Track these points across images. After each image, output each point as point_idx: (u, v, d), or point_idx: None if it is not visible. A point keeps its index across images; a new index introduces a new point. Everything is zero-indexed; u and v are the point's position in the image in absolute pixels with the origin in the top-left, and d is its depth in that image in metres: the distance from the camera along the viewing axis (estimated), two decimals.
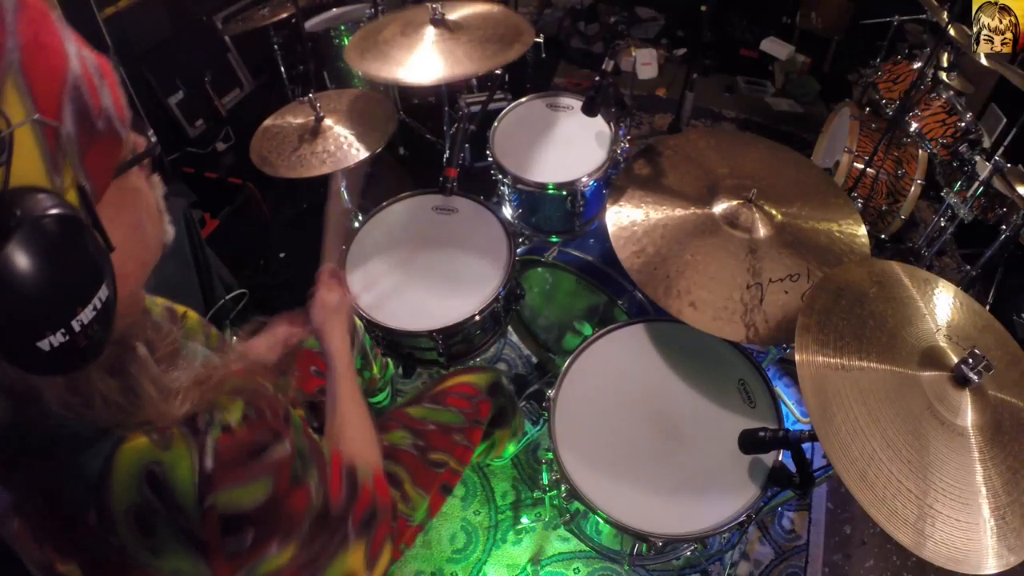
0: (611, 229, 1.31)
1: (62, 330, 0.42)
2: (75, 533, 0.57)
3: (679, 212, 1.33)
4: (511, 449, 1.51)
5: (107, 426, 0.54)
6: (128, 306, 0.55)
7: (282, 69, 2.80)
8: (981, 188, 1.94)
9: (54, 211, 0.41)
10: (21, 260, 0.39)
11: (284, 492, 0.62)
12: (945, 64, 2.11)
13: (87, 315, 0.43)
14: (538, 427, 1.82)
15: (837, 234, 1.31)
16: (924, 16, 2.24)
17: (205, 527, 0.55)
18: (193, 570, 0.58)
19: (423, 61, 1.54)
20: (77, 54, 0.48)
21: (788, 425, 1.46)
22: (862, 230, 1.32)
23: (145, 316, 0.63)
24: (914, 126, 2.10)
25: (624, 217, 1.33)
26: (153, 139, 0.55)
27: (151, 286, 0.68)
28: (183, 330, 0.81)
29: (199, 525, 0.55)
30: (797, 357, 0.92)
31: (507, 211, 1.76)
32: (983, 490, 0.86)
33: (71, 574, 0.62)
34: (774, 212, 1.32)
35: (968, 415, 0.91)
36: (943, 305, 1.06)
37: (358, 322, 1.46)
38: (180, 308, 0.67)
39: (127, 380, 0.54)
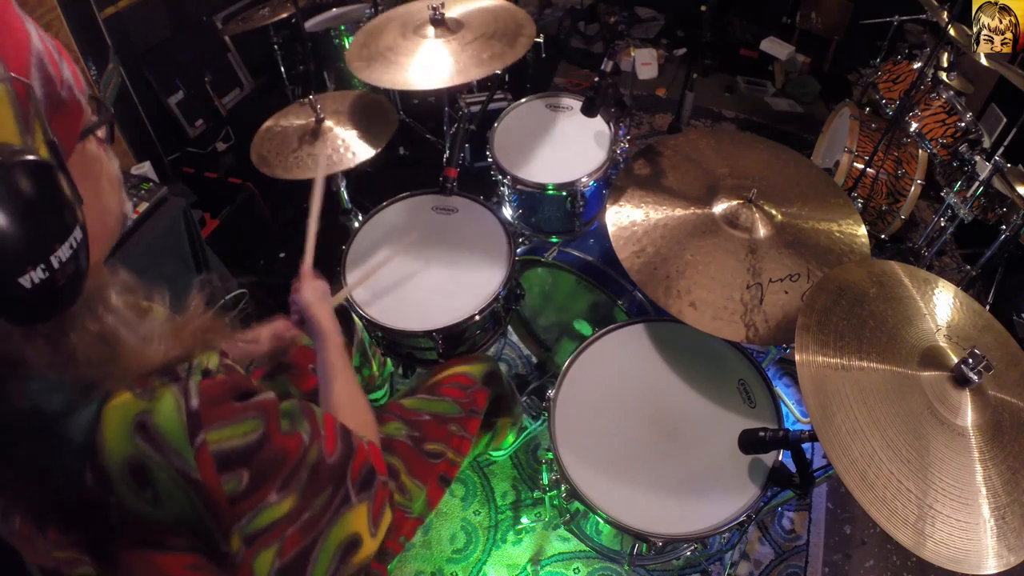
0: (611, 229, 1.31)
1: (42, 265, 0.44)
2: (74, 503, 0.57)
3: (679, 212, 1.33)
4: (510, 439, 1.51)
5: (91, 382, 0.55)
6: (96, 270, 0.57)
7: (282, 69, 2.80)
8: (981, 188, 1.94)
9: (29, 156, 0.44)
10: (4, 199, 0.42)
11: (275, 434, 0.63)
12: (945, 64, 2.11)
13: (64, 252, 0.45)
14: (538, 423, 1.82)
15: (837, 234, 1.31)
16: (924, 16, 2.24)
17: (200, 466, 0.56)
18: (194, 516, 0.58)
19: (426, 66, 1.54)
20: (37, 34, 0.51)
21: (788, 425, 1.46)
22: (862, 230, 1.32)
23: (113, 276, 0.64)
24: (914, 126, 2.10)
25: (624, 217, 1.33)
26: (110, 110, 0.59)
27: (152, 284, 0.69)
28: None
29: (194, 465, 0.56)
30: (797, 357, 0.92)
31: (507, 211, 1.76)
32: (983, 490, 0.86)
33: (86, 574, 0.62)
34: (774, 212, 1.32)
35: (968, 415, 0.91)
36: (943, 305, 1.06)
37: (357, 321, 1.46)
38: (145, 303, 0.68)
39: (104, 330, 0.56)
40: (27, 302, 0.45)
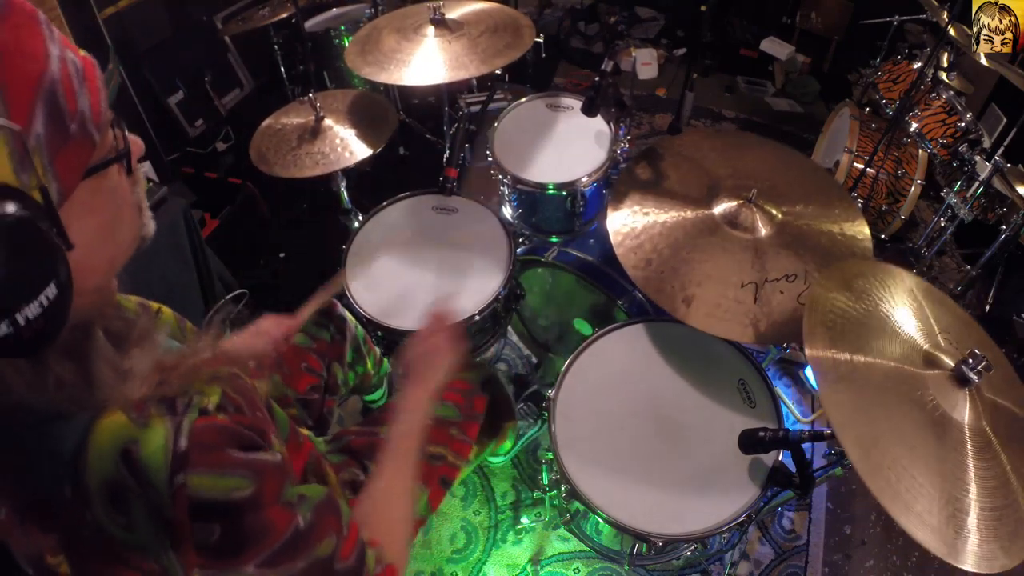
0: (611, 230, 1.31)
1: (7, 321, 0.44)
2: (52, 508, 0.57)
3: (680, 213, 1.33)
4: (508, 444, 1.51)
5: (66, 409, 0.55)
6: (94, 296, 0.57)
7: (282, 69, 2.80)
8: (981, 188, 1.94)
9: (5, 215, 0.43)
10: None
11: (268, 502, 0.61)
12: (945, 64, 2.11)
13: (32, 310, 0.45)
14: (537, 427, 1.82)
15: (839, 236, 1.31)
16: (924, 16, 2.24)
17: (175, 505, 0.55)
18: (163, 554, 0.57)
19: (425, 64, 1.54)
20: (59, 58, 0.50)
21: (788, 425, 1.46)
22: (865, 231, 1.32)
23: (111, 306, 0.63)
24: (914, 126, 2.10)
25: (625, 218, 1.33)
26: (133, 141, 0.57)
27: (152, 284, 0.69)
28: (156, 323, 0.80)
29: (169, 503, 0.55)
30: (807, 346, 0.91)
31: (507, 211, 1.76)
32: (981, 491, 0.86)
33: (60, 566, 0.62)
34: (775, 212, 1.32)
35: (967, 415, 0.91)
36: (939, 311, 1.06)
37: (351, 318, 1.46)
38: (155, 305, 0.67)
39: (83, 363, 0.55)
40: None
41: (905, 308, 1.03)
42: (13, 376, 0.52)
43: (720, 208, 1.33)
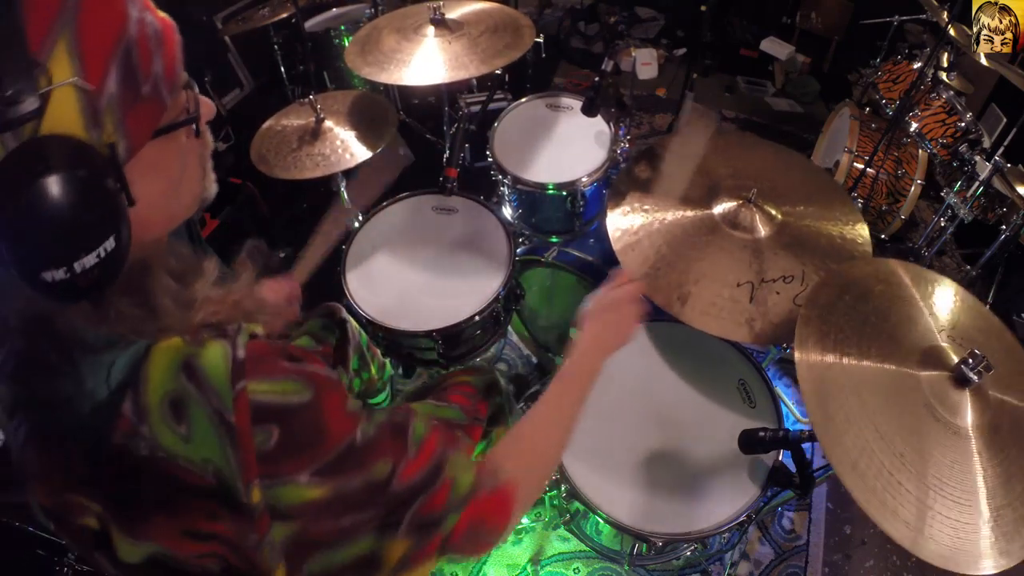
0: (611, 231, 1.31)
1: (64, 268, 0.47)
2: (105, 437, 0.57)
3: (680, 214, 1.33)
4: None
5: (126, 338, 0.57)
6: (152, 246, 0.60)
7: (282, 69, 2.80)
8: (981, 188, 1.94)
9: (73, 167, 0.46)
10: (37, 200, 0.45)
11: (327, 407, 0.61)
12: (945, 64, 2.11)
13: (90, 260, 0.48)
14: None
15: (838, 239, 1.30)
16: (924, 16, 2.24)
17: (236, 409, 0.56)
18: (222, 458, 0.57)
19: (425, 64, 1.55)
20: (138, 20, 0.52)
21: (788, 425, 1.46)
22: (865, 233, 1.31)
23: (167, 249, 0.65)
24: (914, 126, 2.10)
25: (624, 220, 1.33)
26: (211, 107, 0.60)
27: None
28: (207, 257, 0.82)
29: (230, 408, 0.56)
30: (796, 351, 0.92)
31: (507, 211, 1.76)
32: (982, 490, 0.86)
33: (89, 525, 0.61)
34: (774, 212, 1.32)
35: (968, 415, 0.91)
36: (946, 305, 1.06)
37: (354, 323, 1.46)
38: (193, 270, 0.69)
39: (144, 297, 0.58)
40: (52, 291, 0.48)
41: (906, 306, 1.03)
42: (74, 311, 0.55)
43: (720, 208, 1.33)
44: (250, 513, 0.58)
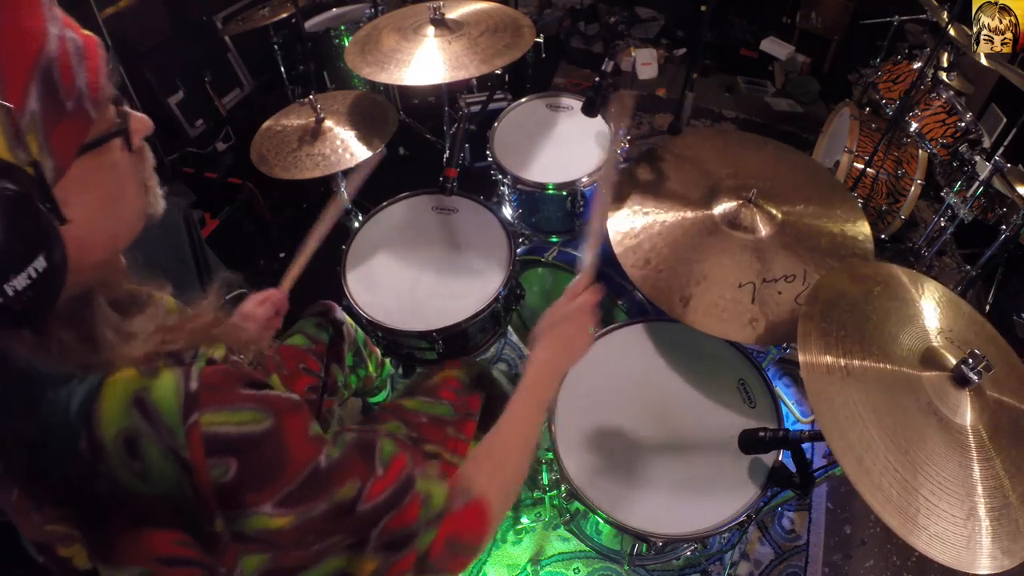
0: (611, 229, 1.31)
1: None
2: (66, 471, 0.57)
3: (679, 213, 1.33)
4: None
5: (73, 371, 0.56)
6: (96, 270, 0.58)
7: (282, 69, 2.80)
8: (981, 188, 1.94)
9: None
10: None
11: (285, 437, 0.60)
12: (945, 64, 2.11)
13: (20, 282, 0.47)
14: None
15: (839, 237, 1.30)
16: (924, 16, 2.24)
17: (189, 444, 0.56)
18: (180, 494, 0.57)
19: (425, 64, 1.54)
20: (58, 36, 0.51)
21: (788, 425, 1.46)
22: (866, 230, 1.31)
23: (117, 279, 0.64)
24: (914, 126, 2.10)
25: (624, 218, 1.33)
26: (141, 117, 0.59)
27: (152, 283, 0.70)
28: (157, 299, 0.81)
29: (183, 443, 0.56)
30: (799, 350, 0.91)
31: (507, 211, 1.76)
32: (982, 490, 0.86)
33: (73, 558, 0.62)
34: (775, 212, 1.32)
35: (968, 415, 0.91)
36: (942, 310, 1.06)
37: (351, 321, 1.46)
38: (157, 294, 0.68)
39: (85, 328, 0.57)
40: None
41: (905, 308, 1.03)
42: (16, 342, 0.54)
43: (720, 208, 1.33)
44: (216, 542, 0.59)
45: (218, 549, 0.60)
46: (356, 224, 1.60)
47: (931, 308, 1.05)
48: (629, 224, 1.32)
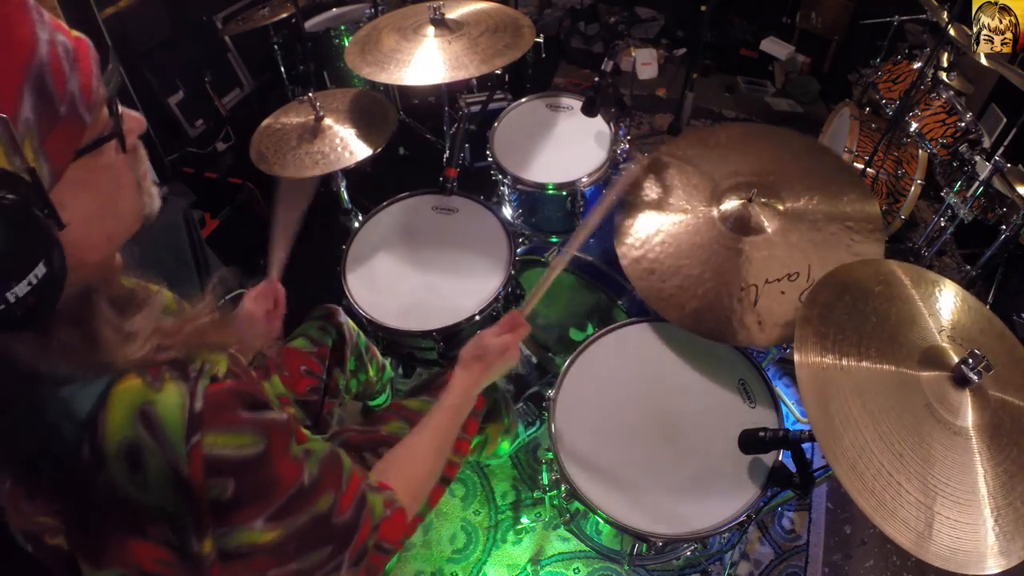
0: (616, 240, 1.31)
1: None
2: (66, 470, 0.58)
3: (682, 220, 1.33)
4: (505, 447, 1.51)
5: (76, 372, 0.57)
6: (94, 270, 0.59)
7: (282, 69, 2.80)
8: (981, 188, 1.94)
9: None
10: None
11: (277, 457, 0.64)
12: (945, 64, 2.11)
13: (21, 289, 0.47)
14: (535, 428, 1.82)
15: (848, 223, 1.28)
16: (924, 16, 2.24)
17: (190, 463, 0.57)
18: (175, 509, 0.58)
19: (425, 64, 1.55)
20: (48, 42, 0.50)
21: (788, 425, 1.46)
22: (875, 210, 1.28)
23: (114, 278, 0.65)
24: (914, 126, 2.10)
25: (627, 224, 1.33)
26: (137, 117, 0.59)
27: (151, 282, 0.70)
28: (155, 296, 0.82)
29: (185, 460, 0.57)
30: (796, 354, 0.92)
31: (507, 211, 1.76)
32: (983, 491, 0.86)
33: (60, 546, 0.63)
34: (779, 207, 1.31)
35: (968, 416, 0.91)
36: (946, 305, 1.06)
37: (353, 325, 1.46)
38: (154, 287, 0.69)
39: (85, 327, 0.57)
40: None
41: (906, 306, 1.03)
42: (17, 345, 0.54)
43: (722, 210, 1.33)
44: (201, 562, 0.61)
45: (200, 569, 0.62)
46: (356, 224, 1.60)
47: (933, 304, 1.05)
48: (633, 234, 1.31)
